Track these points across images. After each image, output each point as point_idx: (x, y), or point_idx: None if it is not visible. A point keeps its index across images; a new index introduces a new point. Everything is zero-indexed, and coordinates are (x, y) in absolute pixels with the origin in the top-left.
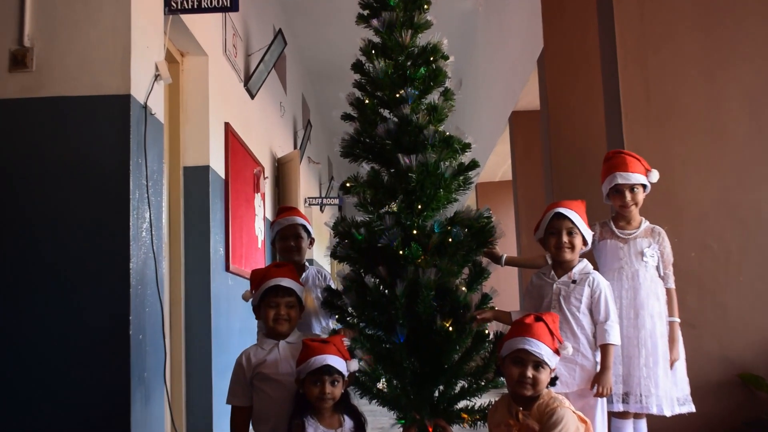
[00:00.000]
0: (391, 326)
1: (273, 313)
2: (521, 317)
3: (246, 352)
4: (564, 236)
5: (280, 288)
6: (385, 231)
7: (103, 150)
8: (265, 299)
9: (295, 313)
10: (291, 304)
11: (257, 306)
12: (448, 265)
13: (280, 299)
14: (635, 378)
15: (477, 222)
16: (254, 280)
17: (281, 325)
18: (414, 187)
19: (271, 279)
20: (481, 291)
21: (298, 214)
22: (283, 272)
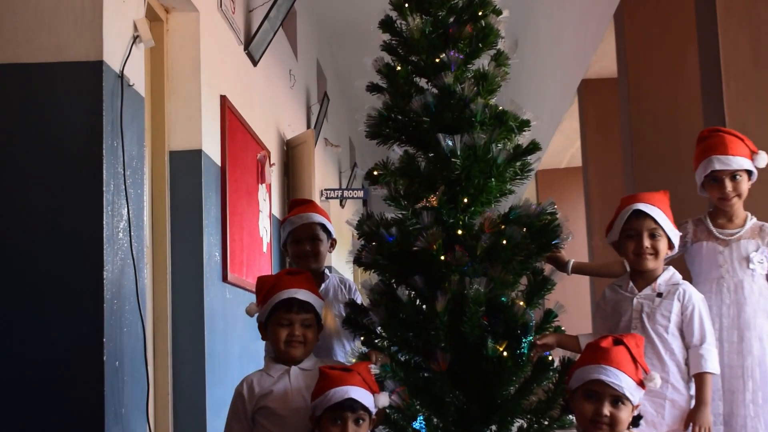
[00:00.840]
0: (431, 351)
1: (285, 333)
2: (596, 340)
3: (248, 379)
4: (645, 239)
5: (295, 302)
6: (423, 231)
7: (68, 131)
8: (276, 315)
9: (312, 334)
10: (308, 323)
11: (265, 323)
12: (502, 273)
13: (295, 316)
14: (739, 417)
15: (538, 219)
16: (261, 290)
17: (295, 348)
18: (458, 175)
19: (283, 290)
20: (543, 307)
21: (315, 209)
22: (299, 281)
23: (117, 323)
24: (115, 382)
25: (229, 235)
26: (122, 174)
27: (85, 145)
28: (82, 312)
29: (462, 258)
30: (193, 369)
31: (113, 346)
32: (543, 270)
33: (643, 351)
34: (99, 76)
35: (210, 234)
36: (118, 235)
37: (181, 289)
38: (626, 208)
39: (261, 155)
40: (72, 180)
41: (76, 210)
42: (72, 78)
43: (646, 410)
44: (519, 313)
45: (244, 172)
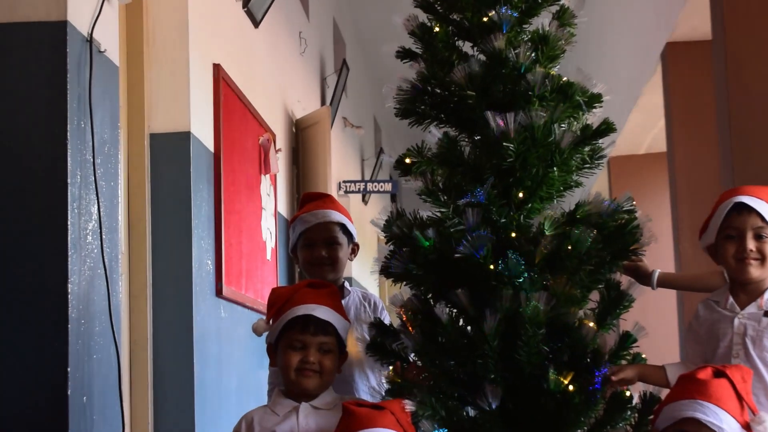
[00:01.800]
0: (477, 384)
1: (297, 358)
2: (691, 371)
3: (248, 417)
4: (749, 241)
5: (312, 320)
6: (467, 234)
7: (23, 108)
8: (288, 336)
9: (330, 363)
10: (326, 348)
11: (274, 345)
12: (567, 287)
13: (310, 338)
14: None
15: (612, 219)
16: (274, 304)
17: (308, 378)
18: (512, 163)
19: (299, 305)
20: (618, 329)
21: (333, 205)
22: (321, 296)
23: (85, 349)
24: (83, 422)
25: (225, 238)
26: (91, 162)
27: (46, 127)
28: (41, 335)
29: (516, 267)
30: (179, 406)
31: (80, 377)
32: (619, 283)
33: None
34: (62, 40)
35: (201, 237)
36: (86, 239)
37: (164, 306)
38: (726, 202)
39: (264, 139)
40: (28, 170)
41: (33, 208)
42: (29, 42)
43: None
44: (588, 336)
45: (243, 160)
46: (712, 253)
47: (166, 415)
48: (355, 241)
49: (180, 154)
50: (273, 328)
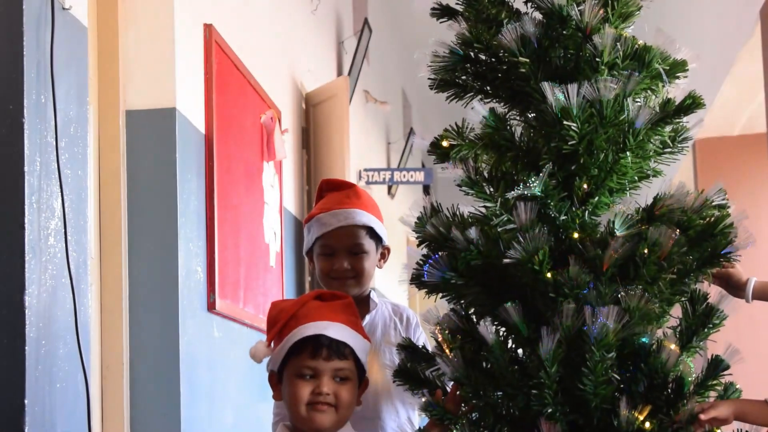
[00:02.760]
0: (532, 420)
1: (307, 390)
2: None
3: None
4: None
5: (324, 342)
6: (519, 234)
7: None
8: (294, 362)
9: (348, 394)
10: (343, 375)
11: (278, 373)
12: (643, 300)
13: (323, 364)
14: None
15: (699, 216)
16: (275, 321)
17: (322, 414)
18: (575, 147)
19: (306, 323)
20: (706, 352)
21: (358, 201)
22: (333, 311)
23: (46, 376)
24: None
25: (218, 240)
26: (54, 146)
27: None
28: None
29: (580, 276)
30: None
31: (39, 411)
32: (707, 295)
33: None
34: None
35: (188, 239)
36: (47, 241)
37: (144, 324)
38: None
39: (267, 117)
40: None
41: None
42: None
43: None
44: (669, 362)
45: (242, 143)
46: None
47: None
48: (384, 244)
49: (163, 135)
50: (275, 352)
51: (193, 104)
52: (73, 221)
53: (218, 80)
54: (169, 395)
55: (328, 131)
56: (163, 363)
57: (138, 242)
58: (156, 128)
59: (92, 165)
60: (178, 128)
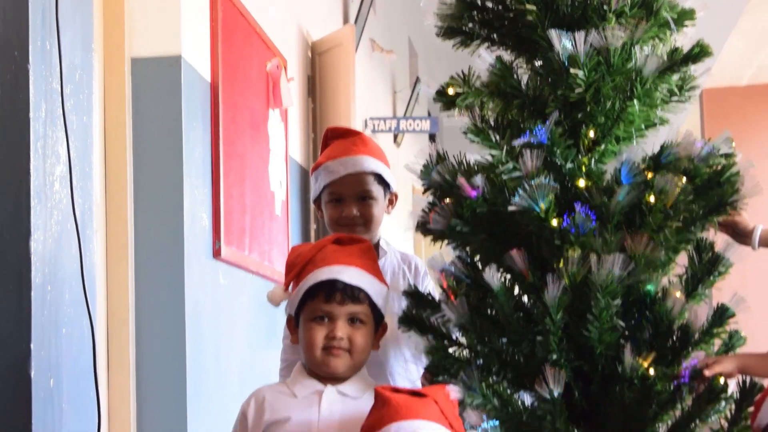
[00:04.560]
0: (537, 367)
1: (323, 334)
2: None
3: (259, 395)
4: None
5: (339, 286)
6: (525, 182)
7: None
8: (309, 306)
9: (363, 338)
10: (359, 319)
11: (295, 317)
12: (648, 248)
13: (337, 308)
14: None
15: (706, 165)
16: (293, 266)
17: (336, 358)
18: (582, 95)
19: (322, 266)
20: (711, 300)
21: (365, 148)
22: (350, 255)
23: (51, 321)
24: (49, 411)
25: (224, 187)
26: (59, 93)
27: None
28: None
29: (586, 224)
30: (167, 394)
31: (45, 356)
32: (713, 243)
33: None
34: None
35: (194, 186)
36: (52, 187)
37: (150, 271)
38: None
39: (273, 66)
40: None
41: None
42: None
43: None
44: (675, 309)
45: (247, 91)
46: None
47: (151, 405)
48: (392, 190)
49: (168, 83)
50: (292, 296)
51: (198, 52)
52: (79, 168)
53: (224, 28)
54: (174, 342)
55: (334, 80)
56: (169, 309)
57: (143, 189)
58: (161, 76)
59: (98, 112)
60: (184, 76)
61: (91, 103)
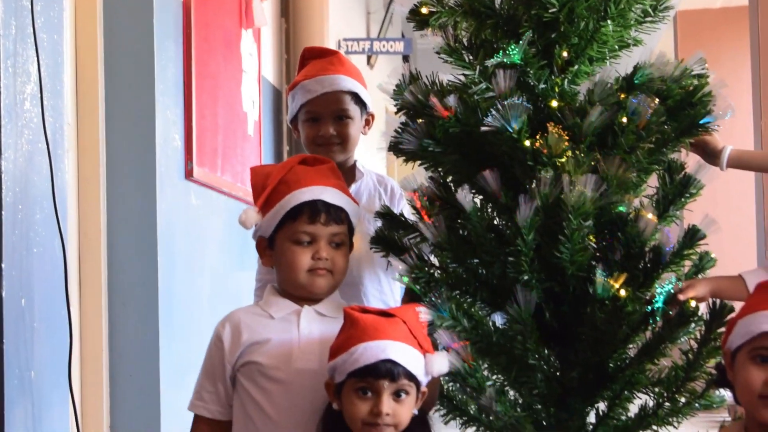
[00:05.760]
0: (508, 288)
1: (308, 256)
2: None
3: (234, 318)
4: None
5: (322, 207)
6: (498, 102)
7: None
8: (290, 228)
9: (343, 259)
10: (339, 240)
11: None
12: (620, 169)
13: (321, 229)
14: None
15: (678, 85)
16: (263, 186)
17: (321, 278)
18: (555, 15)
19: (300, 187)
20: (682, 222)
21: (342, 68)
22: (323, 175)
23: (22, 241)
24: (21, 330)
25: (196, 108)
26: (29, 9)
27: None
28: None
29: (558, 144)
30: (139, 313)
31: (17, 276)
32: (684, 164)
33: None
34: None
35: (166, 106)
36: (23, 106)
37: (121, 191)
38: None
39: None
40: None
41: None
42: None
43: None
44: (646, 230)
45: (220, 10)
46: None
47: (123, 324)
48: (369, 110)
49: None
50: (267, 217)
51: None
52: (50, 86)
53: None
54: (146, 262)
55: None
56: (141, 230)
57: (115, 109)
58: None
59: (69, 30)
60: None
61: (62, 21)
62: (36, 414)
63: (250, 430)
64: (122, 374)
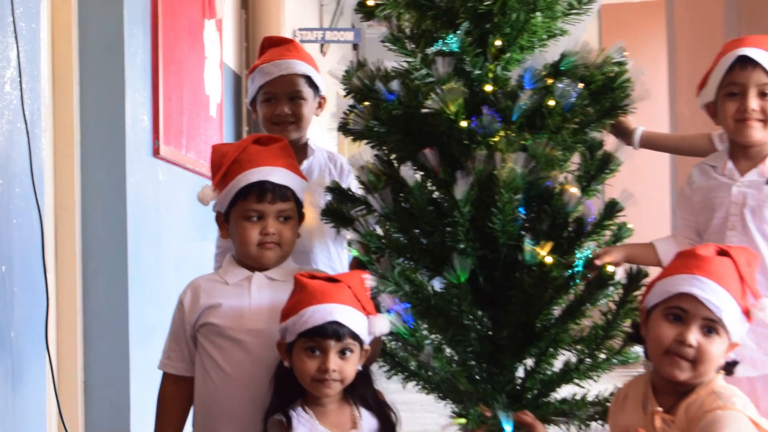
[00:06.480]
0: (446, 255)
1: (256, 231)
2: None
3: (194, 284)
4: (752, 99)
5: (269, 187)
6: (437, 86)
7: None
8: (241, 205)
9: (291, 232)
10: (286, 215)
11: (225, 214)
12: (547, 148)
13: (268, 207)
14: None
15: (600, 72)
16: (219, 165)
17: (269, 251)
18: (489, 7)
19: (251, 168)
20: (603, 195)
21: (297, 54)
22: (273, 155)
23: (2, 213)
24: (1, 295)
25: (163, 91)
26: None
27: None
28: None
29: (492, 125)
30: (110, 278)
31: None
32: (604, 143)
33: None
34: None
35: (135, 89)
36: (3, 89)
37: (94, 167)
38: (727, 55)
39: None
40: None
41: None
42: None
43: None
44: (570, 203)
45: (185, 1)
46: (711, 113)
47: (96, 288)
48: (322, 94)
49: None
50: (222, 195)
51: None
52: (28, 71)
53: None
54: (117, 232)
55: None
56: (112, 203)
57: (88, 92)
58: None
59: (45, 19)
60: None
61: (39, 11)
62: (16, 371)
63: (209, 385)
64: (95, 334)
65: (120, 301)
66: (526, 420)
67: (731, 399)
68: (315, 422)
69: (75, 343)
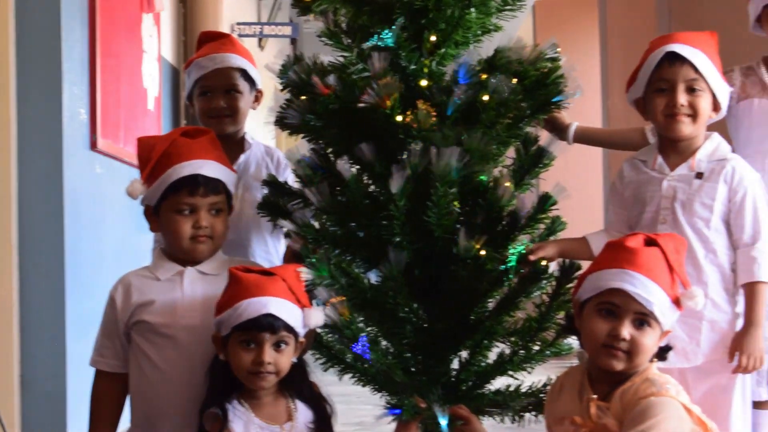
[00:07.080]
0: (381, 248)
1: (189, 225)
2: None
3: (125, 280)
4: (680, 94)
5: (200, 180)
6: (373, 81)
7: None
8: (172, 199)
9: (222, 224)
10: (218, 208)
11: (155, 208)
12: (482, 142)
13: (200, 200)
14: None
15: (534, 68)
16: (148, 158)
17: (201, 244)
18: (425, 3)
19: (181, 162)
20: (537, 189)
21: (233, 48)
22: (203, 147)
23: None
24: None
25: (100, 84)
26: None
27: None
28: None
29: (427, 119)
30: (47, 273)
31: None
32: (538, 138)
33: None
34: None
35: (72, 83)
36: None
37: (31, 161)
38: (656, 51)
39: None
40: None
41: None
42: None
43: (676, 335)
44: (504, 197)
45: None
46: (641, 108)
47: (33, 281)
48: (258, 87)
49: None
50: (151, 189)
51: None
52: None
53: None
54: (54, 225)
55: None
56: (49, 196)
57: (25, 85)
58: None
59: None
60: None
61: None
62: None
63: (143, 382)
64: (32, 327)
65: (57, 294)
66: (462, 414)
67: (665, 386)
68: (251, 415)
69: (11, 337)
